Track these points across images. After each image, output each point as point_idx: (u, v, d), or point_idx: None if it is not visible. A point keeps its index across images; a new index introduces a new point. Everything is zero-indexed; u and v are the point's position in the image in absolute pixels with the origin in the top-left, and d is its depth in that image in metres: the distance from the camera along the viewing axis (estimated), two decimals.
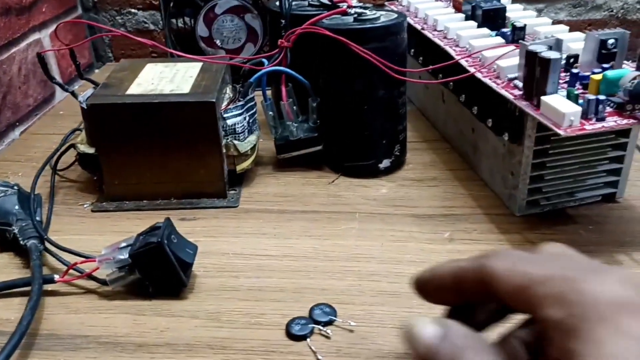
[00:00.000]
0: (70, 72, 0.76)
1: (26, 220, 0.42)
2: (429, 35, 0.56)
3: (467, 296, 0.26)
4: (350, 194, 0.50)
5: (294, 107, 0.52)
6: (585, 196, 0.46)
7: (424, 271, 0.28)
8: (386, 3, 0.68)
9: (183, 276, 0.38)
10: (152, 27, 0.80)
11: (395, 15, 0.49)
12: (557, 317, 0.20)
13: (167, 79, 0.49)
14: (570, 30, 0.51)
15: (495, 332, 0.27)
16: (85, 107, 0.45)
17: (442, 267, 0.27)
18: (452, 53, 0.51)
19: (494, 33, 0.52)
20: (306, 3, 0.55)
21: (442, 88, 0.56)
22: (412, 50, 0.61)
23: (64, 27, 0.74)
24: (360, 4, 0.51)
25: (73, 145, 0.50)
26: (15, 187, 0.44)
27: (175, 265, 0.37)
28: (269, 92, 0.54)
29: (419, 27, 0.58)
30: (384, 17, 0.49)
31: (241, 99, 0.48)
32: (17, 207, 0.43)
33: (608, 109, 0.39)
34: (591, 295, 0.20)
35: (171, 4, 0.66)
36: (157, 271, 0.37)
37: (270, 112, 0.52)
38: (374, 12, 0.49)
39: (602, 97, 0.37)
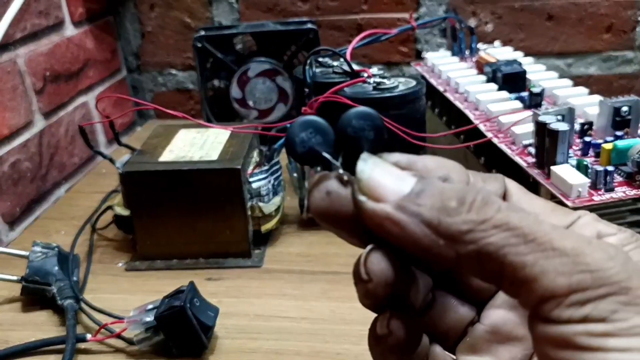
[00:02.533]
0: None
1: (64, 281, 0.45)
2: (451, 97, 0.58)
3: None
4: None
5: (317, 169, 0.54)
6: None
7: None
8: (412, 64, 0.70)
9: (204, 338, 0.40)
10: (190, 86, 0.85)
11: (414, 83, 0.51)
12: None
13: (197, 145, 0.52)
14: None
15: None
16: (122, 173, 0.49)
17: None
18: (471, 117, 0.52)
19: (513, 96, 0.54)
20: (331, 70, 0.58)
21: (465, 149, 0.58)
22: (436, 109, 0.63)
23: (108, 91, 0.79)
24: (380, 72, 0.53)
25: (110, 207, 0.53)
26: (56, 249, 0.48)
27: (197, 328, 0.39)
28: None
29: (441, 89, 0.60)
30: (402, 86, 0.51)
31: (266, 164, 0.51)
32: (56, 268, 0.46)
33: (618, 179, 0.39)
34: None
35: (207, 68, 0.70)
36: (180, 333, 0.39)
37: (295, 174, 0.54)
38: (392, 80, 0.51)
39: (610, 168, 0.38)
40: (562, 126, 0.39)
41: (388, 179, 0.18)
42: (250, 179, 0.50)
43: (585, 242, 0.17)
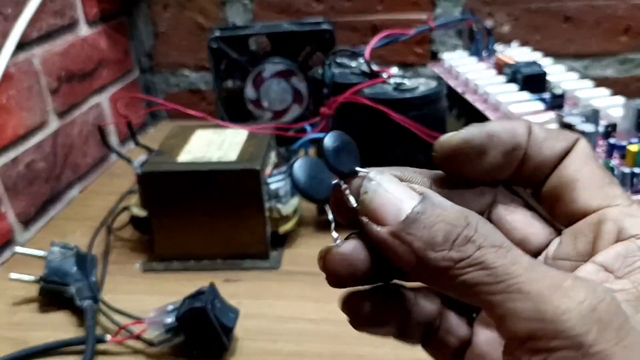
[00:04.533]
0: (127, 131, 0.80)
1: (82, 281, 0.45)
2: (470, 99, 0.57)
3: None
4: None
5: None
6: None
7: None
8: (428, 65, 0.70)
9: (225, 339, 0.39)
10: (203, 87, 0.85)
11: (434, 84, 0.51)
12: None
13: (215, 145, 0.52)
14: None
15: None
16: (139, 174, 0.48)
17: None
18: (492, 118, 0.52)
19: (533, 98, 0.53)
20: (349, 71, 0.57)
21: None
22: (454, 111, 0.62)
23: (120, 92, 0.79)
24: (401, 73, 0.53)
25: (127, 208, 0.53)
26: (74, 249, 0.47)
27: (218, 329, 0.39)
28: (311, 152, 0.56)
29: (460, 90, 0.60)
30: (422, 87, 0.51)
31: (284, 165, 0.51)
32: (75, 268, 0.46)
33: None
34: None
35: (222, 69, 0.70)
36: (201, 334, 0.39)
37: None
38: (412, 81, 0.51)
39: (637, 169, 0.38)
40: (589, 127, 0.39)
41: (388, 203, 0.19)
42: (269, 180, 0.49)
43: (554, 287, 0.17)
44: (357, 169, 0.20)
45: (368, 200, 0.19)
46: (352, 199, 0.20)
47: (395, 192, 0.19)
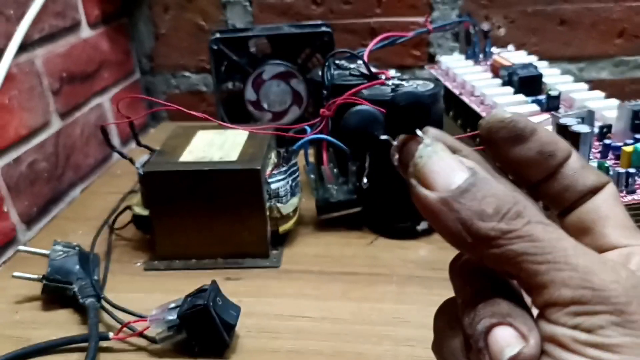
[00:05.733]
0: (128, 132, 0.81)
1: (85, 280, 0.46)
2: (466, 100, 0.58)
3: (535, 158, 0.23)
4: (389, 255, 0.51)
5: (334, 171, 0.55)
6: None
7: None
8: (426, 67, 0.71)
9: (226, 337, 0.40)
10: (203, 88, 0.85)
11: (432, 86, 0.52)
12: None
13: (216, 145, 0.52)
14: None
15: None
16: (142, 174, 0.49)
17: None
18: None
19: (530, 99, 0.54)
20: (347, 73, 0.58)
21: (482, 151, 0.58)
22: (451, 112, 0.63)
23: (122, 93, 0.80)
24: (399, 75, 0.53)
25: (129, 207, 0.54)
26: (77, 248, 0.48)
27: (220, 326, 0.39)
28: (310, 152, 0.57)
29: (457, 92, 0.61)
30: (420, 88, 0.51)
31: (284, 165, 0.51)
32: (77, 266, 0.46)
33: (639, 181, 0.39)
34: None
35: (222, 70, 0.70)
36: (203, 332, 0.40)
37: (312, 175, 0.55)
38: (410, 82, 0.52)
39: (632, 170, 0.38)
40: (584, 128, 0.40)
41: (441, 171, 0.20)
42: (269, 180, 0.50)
43: (600, 263, 0.19)
44: (416, 130, 0.21)
45: (422, 164, 0.20)
46: (396, 157, 0.21)
47: (449, 161, 0.20)
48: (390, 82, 0.52)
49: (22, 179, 0.58)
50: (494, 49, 0.69)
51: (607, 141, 0.43)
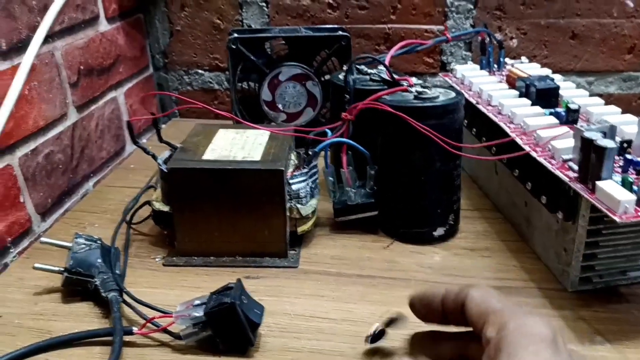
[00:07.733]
0: (139, 126, 0.81)
1: (107, 273, 0.46)
2: (484, 110, 0.59)
3: (448, 316, 0.35)
4: (405, 260, 0.52)
5: (353, 174, 0.55)
6: (638, 275, 0.47)
7: (419, 290, 0.36)
8: (441, 75, 0.72)
9: (251, 335, 0.40)
10: (216, 87, 0.86)
11: (454, 94, 0.53)
12: (495, 338, 0.29)
13: (238, 145, 0.53)
14: (620, 104, 0.54)
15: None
16: (165, 170, 0.49)
17: (432, 288, 0.36)
18: (508, 130, 0.53)
19: (547, 112, 0.55)
20: (367, 78, 0.59)
21: (496, 161, 0.59)
22: (465, 121, 0.64)
23: (135, 88, 0.80)
24: (421, 82, 0.54)
25: (148, 202, 0.54)
26: (99, 242, 0.48)
27: (245, 324, 0.40)
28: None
29: (473, 101, 0.61)
30: (442, 96, 0.52)
31: (306, 166, 0.52)
32: (99, 260, 0.46)
33: None
34: (524, 327, 0.29)
35: (239, 69, 0.71)
36: (228, 329, 0.40)
37: (331, 178, 0.55)
38: (433, 90, 0.52)
39: None
40: (610, 143, 0.41)
41: None
42: (291, 181, 0.50)
43: None
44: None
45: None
46: None
47: None
48: (413, 89, 0.52)
49: (39, 170, 0.58)
50: (507, 60, 0.70)
51: (628, 156, 0.44)
